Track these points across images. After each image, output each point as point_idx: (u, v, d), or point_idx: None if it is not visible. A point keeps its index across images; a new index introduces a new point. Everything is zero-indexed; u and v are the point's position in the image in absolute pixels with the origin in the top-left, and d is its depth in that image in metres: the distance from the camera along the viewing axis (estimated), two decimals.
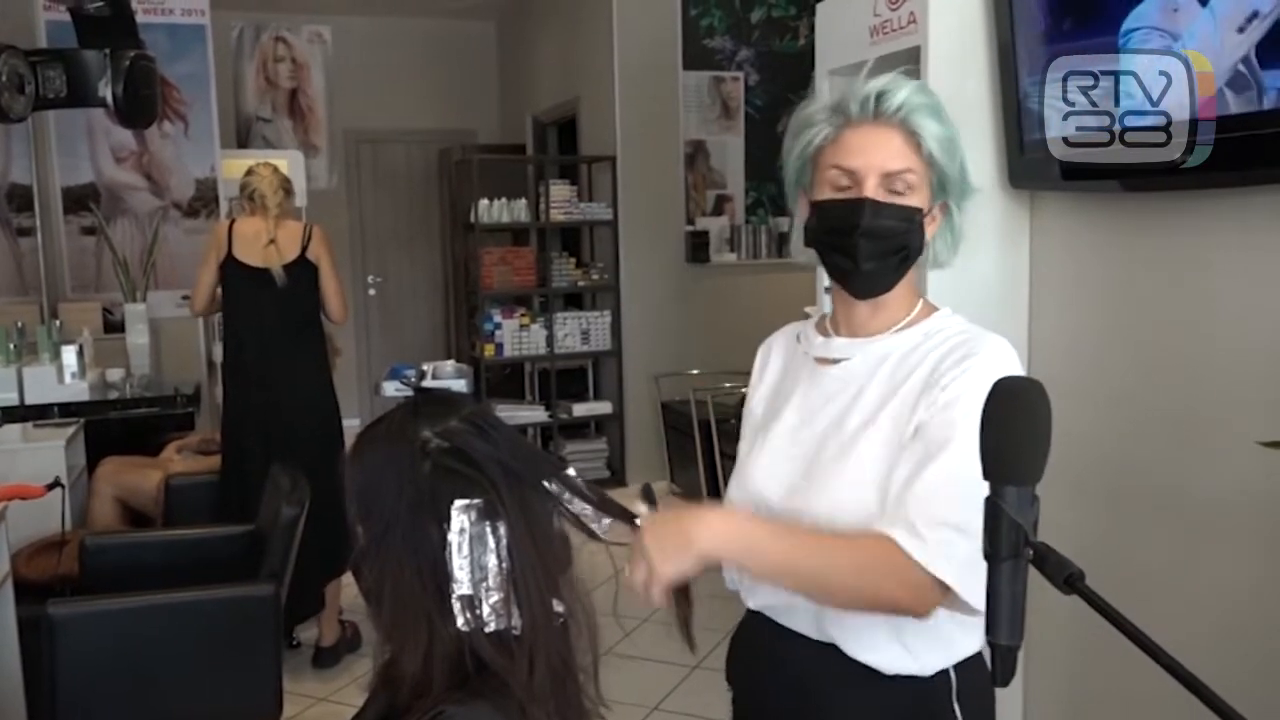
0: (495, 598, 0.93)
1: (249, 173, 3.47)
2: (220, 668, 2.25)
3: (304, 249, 3.33)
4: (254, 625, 2.24)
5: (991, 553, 0.79)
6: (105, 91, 2.59)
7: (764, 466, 1.29)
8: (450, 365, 3.62)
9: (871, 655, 1.20)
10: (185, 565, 2.60)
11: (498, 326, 5.58)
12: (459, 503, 0.93)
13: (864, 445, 1.20)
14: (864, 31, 2.50)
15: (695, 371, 5.36)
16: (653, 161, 5.71)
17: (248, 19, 7.15)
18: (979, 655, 1.24)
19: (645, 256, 5.74)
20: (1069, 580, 0.74)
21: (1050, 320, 2.41)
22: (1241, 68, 1.80)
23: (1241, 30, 1.79)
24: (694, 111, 5.82)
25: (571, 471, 1.04)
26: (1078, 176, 2.22)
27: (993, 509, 0.81)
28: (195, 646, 2.22)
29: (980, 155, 2.34)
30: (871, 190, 1.19)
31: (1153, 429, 2.14)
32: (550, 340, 5.67)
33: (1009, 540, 0.79)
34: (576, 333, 5.73)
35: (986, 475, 0.79)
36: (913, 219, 1.21)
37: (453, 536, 0.92)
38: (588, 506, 1.02)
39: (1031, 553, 0.78)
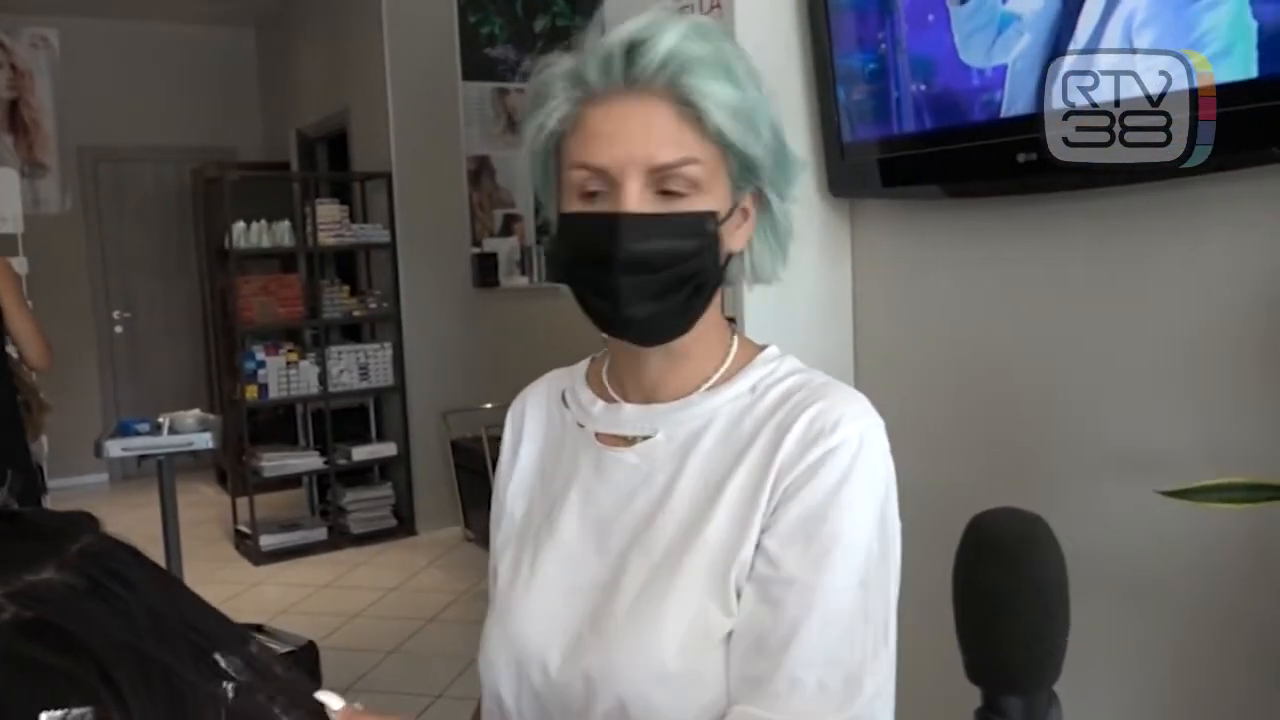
0: None
1: None
2: None
3: None
4: None
5: None
6: None
7: (540, 612, 0.88)
8: (192, 416, 3.05)
9: None
10: None
11: (261, 365, 4.95)
12: (46, 717, 0.50)
13: (684, 580, 0.81)
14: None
15: (488, 406, 4.91)
16: (433, 179, 5.25)
17: None
18: None
19: (428, 282, 5.26)
20: None
21: (877, 343, 2.17)
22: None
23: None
24: (476, 125, 5.41)
25: (255, 649, 0.61)
26: (899, 182, 2.00)
27: None
28: None
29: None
30: (634, 199, 0.80)
31: (997, 464, 1.91)
32: (324, 378, 5.09)
33: None
34: (354, 368, 5.18)
35: (974, 679, 0.45)
36: (703, 231, 0.83)
37: None
38: (274, 699, 0.60)
39: None
